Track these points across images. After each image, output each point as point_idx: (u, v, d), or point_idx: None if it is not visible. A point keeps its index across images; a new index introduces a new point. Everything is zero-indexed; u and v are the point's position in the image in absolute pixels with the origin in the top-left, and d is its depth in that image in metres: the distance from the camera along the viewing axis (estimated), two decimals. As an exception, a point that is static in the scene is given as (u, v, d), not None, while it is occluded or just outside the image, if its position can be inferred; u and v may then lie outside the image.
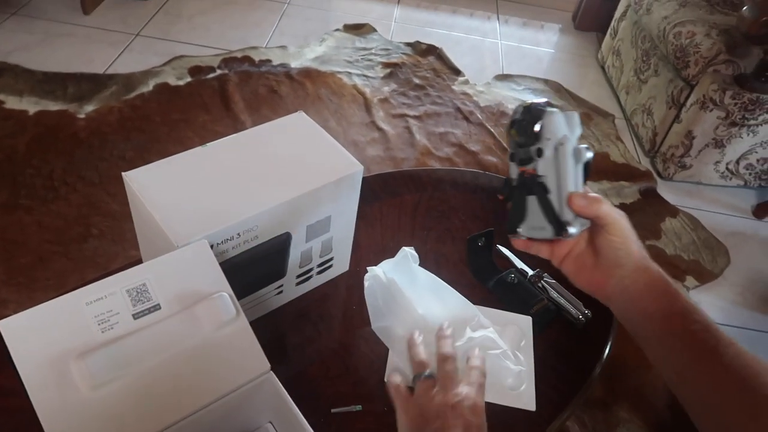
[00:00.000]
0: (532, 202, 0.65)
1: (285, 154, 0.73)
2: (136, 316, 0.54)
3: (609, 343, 0.85)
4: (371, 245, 0.92)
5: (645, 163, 2.17)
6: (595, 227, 0.66)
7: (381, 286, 0.75)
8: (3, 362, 0.70)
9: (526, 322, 0.83)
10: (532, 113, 0.64)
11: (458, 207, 1.01)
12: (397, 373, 0.69)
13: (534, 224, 0.66)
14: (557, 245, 0.69)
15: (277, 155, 0.73)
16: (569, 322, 0.85)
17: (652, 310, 0.62)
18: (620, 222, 0.65)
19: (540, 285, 0.88)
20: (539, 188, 0.64)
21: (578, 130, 0.66)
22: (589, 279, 0.68)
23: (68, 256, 1.49)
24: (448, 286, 0.77)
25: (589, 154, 0.64)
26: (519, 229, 0.67)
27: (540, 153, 0.63)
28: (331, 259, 0.82)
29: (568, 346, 0.83)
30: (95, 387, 0.50)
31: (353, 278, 0.87)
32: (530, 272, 0.90)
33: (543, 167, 0.64)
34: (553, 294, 0.87)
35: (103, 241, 1.54)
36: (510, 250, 0.93)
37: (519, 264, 0.92)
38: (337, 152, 0.75)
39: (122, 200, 1.70)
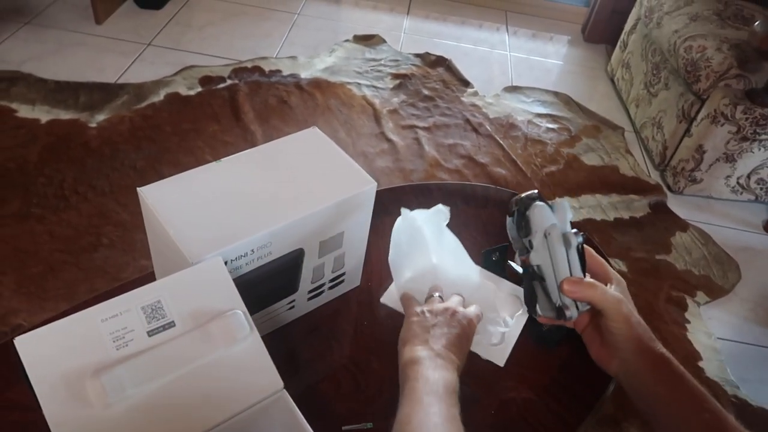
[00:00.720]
0: (537, 287, 0.72)
1: (299, 170, 0.73)
2: (150, 334, 0.55)
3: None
4: (383, 260, 0.92)
5: (655, 177, 2.16)
6: (595, 309, 0.70)
7: (410, 228, 0.82)
8: (16, 378, 0.71)
9: None
10: (522, 205, 0.72)
11: (469, 222, 1.00)
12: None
13: (544, 307, 0.72)
14: (578, 317, 0.72)
15: (290, 171, 0.73)
16: (581, 338, 0.85)
17: (658, 392, 0.64)
18: (615, 307, 0.68)
19: (553, 302, 0.88)
20: (537, 276, 0.71)
21: (568, 216, 0.72)
22: (598, 354, 0.73)
23: (79, 266, 1.50)
24: (466, 253, 0.83)
25: (579, 239, 0.71)
26: (537, 310, 0.72)
27: (531, 245, 0.70)
28: (343, 274, 0.82)
29: (581, 363, 0.83)
30: (109, 404, 0.50)
31: (364, 294, 0.87)
32: (541, 289, 0.89)
33: (535, 257, 0.70)
34: (566, 311, 0.87)
35: (114, 251, 1.55)
36: (521, 266, 0.93)
37: (531, 279, 0.91)
38: (351, 168, 0.75)
39: (133, 210, 1.71)
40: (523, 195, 0.73)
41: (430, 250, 0.83)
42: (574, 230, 0.71)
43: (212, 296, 0.58)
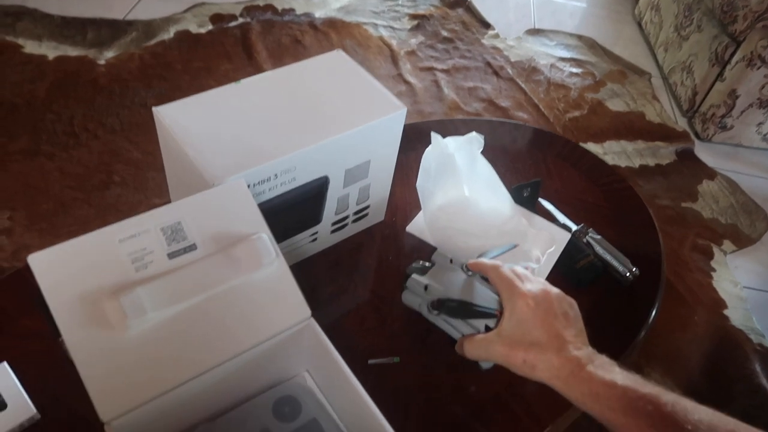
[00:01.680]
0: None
1: (324, 93, 0.68)
2: (171, 256, 0.51)
3: (657, 303, 0.81)
4: (407, 196, 0.88)
5: (682, 124, 2.08)
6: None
7: (440, 156, 0.78)
8: (29, 305, 0.68)
9: (562, 235, 0.82)
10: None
11: (497, 159, 0.95)
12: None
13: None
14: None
15: (315, 94, 0.68)
16: (615, 279, 0.81)
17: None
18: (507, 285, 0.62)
19: (585, 240, 0.84)
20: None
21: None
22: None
23: (90, 203, 1.47)
24: (500, 182, 0.80)
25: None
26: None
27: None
28: (367, 207, 0.78)
29: (614, 305, 0.79)
30: (129, 327, 0.47)
31: (389, 229, 0.83)
32: (574, 227, 0.85)
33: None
34: (599, 250, 0.83)
35: (126, 189, 1.51)
36: (553, 204, 0.89)
37: (562, 219, 0.87)
38: (379, 92, 0.70)
39: (144, 149, 1.67)
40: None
41: (461, 179, 0.79)
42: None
43: (235, 219, 0.55)
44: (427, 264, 0.74)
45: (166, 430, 0.52)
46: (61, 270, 0.47)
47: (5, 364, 0.61)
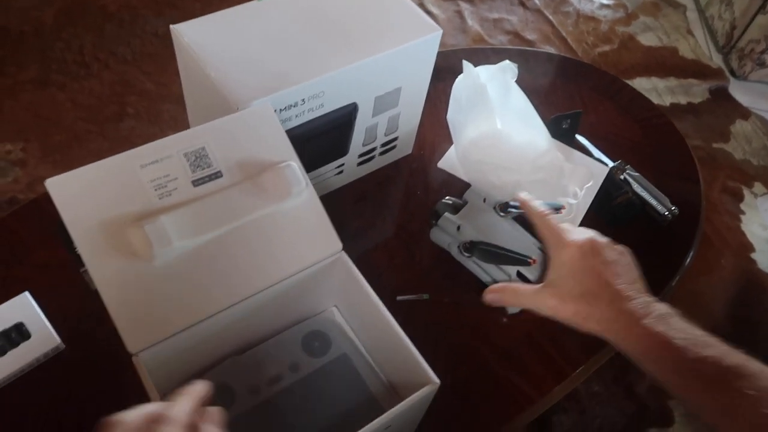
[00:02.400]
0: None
1: (353, 12, 0.63)
2: (195, 183, 0.48)
3: (694, 245, 0.78)
4: (436, 129, 0.83)
5: (717, 61, 1.98)
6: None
7: (472, 86, 0.74)
8: (48, 235, 0.66)
9: (600, 170, 0.79)
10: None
11: (529, 91, 0.90)
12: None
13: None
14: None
15: (344, 14, 0.63)
16: (652, 219, 0.77)
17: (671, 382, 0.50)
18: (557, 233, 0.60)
19: (622, 177, 0.80)
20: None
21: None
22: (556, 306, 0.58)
23: (104, 135, 1.43)
24: (536, 113, 0.76)
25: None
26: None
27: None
28: (395, 139, 0.74)
29: (650, 246, 0.76)
30: (155, 257, 0.44)
31: (417, 162, 0.79)
32: (611, 164, 0.81)
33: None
34: (637, 187, 0.79)
35: (140, 122, 1.47)
36: (588, 140, 0.84)
37: (597, 154, 0.83)
38: (413, 13, 0.65)
39: (157, 80, 1.62)
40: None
41: (494, 112, 0.74)
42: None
43: (262, 146, 0.51)
44: (459, 201, 0.71)
45: (193, 363, 0.50)
46: (81, 195, 0.45)
47: (27, 294, 0.60)
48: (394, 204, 0.76)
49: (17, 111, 1.46)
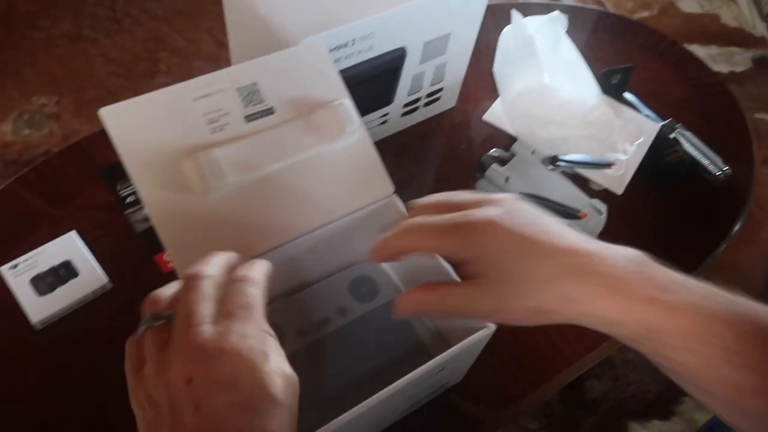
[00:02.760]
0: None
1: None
2: (248, 119, 0.47)
3: (746, 208, 0.75)
4: (480, 82, 0.81)
5: (761, 29, 1.91)
6: None
7: (520, 37, 0.73)
8: (93, 176, 0.66)
9: (651, 127, 0.76)
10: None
11: (579, 44, 0.87)
12: None
13: None
14: None
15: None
16: (704, 179, 0.75)
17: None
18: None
19: (672, 136, 0.77)
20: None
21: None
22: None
23: (137, 92, 1.41)
24: (586, 67, 0.74)
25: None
26: None
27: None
28: (440, 90, 0.72)
29: (700, 207, 0.74)
30: (209, 191, 0.44)
31: (460, 116, 0.78)
32: (661, 122, 0.78)
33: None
34: (688, 147, 0.76)
35: (172, 78, 1.47)
36: (637, 97, 0.81)
37: (646, 112, 0.80)
38: (465, -46, 0.62)
39: (189, 36, 1.61)
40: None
41: (541, 65, 0.72)
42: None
43: (314, 84, 0.50)
44: (506, 154, 0.69)
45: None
46: (135, 125, 0.44)
47: (74, 232, 0.60)
48: (436, 158, 0.75)
49: (51, 65, 1.46)
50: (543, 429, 1.07)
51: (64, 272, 0.57)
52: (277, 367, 0.31)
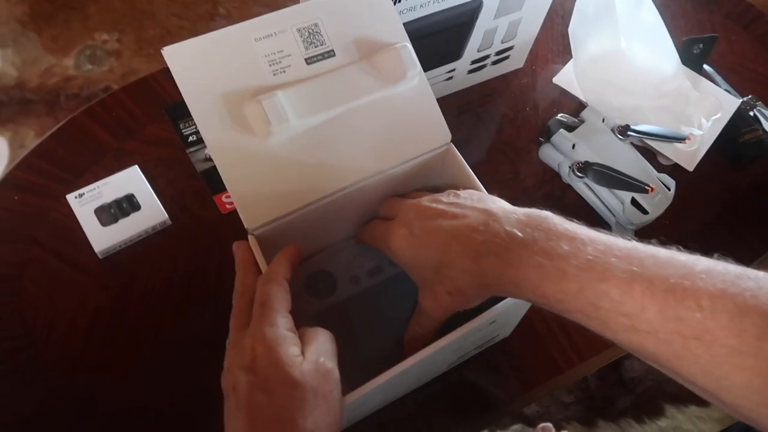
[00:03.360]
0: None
1: None
2: (309, 61, 0.46)
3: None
4: (551, 44, 0.78)
5: None
6: None
7: None
8: (157, 112, 0.67)
9: (730, 102, 0.72)
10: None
11: (664, 11, 0.82)
12: None
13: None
14: None
15: None
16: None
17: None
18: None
19: (752, 114, 0.73)
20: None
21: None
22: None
23: (195, 33, 1.42)
24: (667, 34, 0.69)
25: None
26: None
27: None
28: (510, 48, 0.70)
29: (775, 188, 0.70)
30: (272, 134, 0.43)
31: (528, 77, 0.75)
32: (741, 98, 0.74)
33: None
34: (767, 126, 0.72)
35: (230, 22, 1.45)
36: (716, 70, 0.77)
37: (725, 86, 0.75)
38: None
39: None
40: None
41: (620, 30, 0.68)
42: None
43: (375, 27, 0.48)
44: (575, 120, 0.67)
45: (302, 247, 0.50)
46: (197, 66, 0.43)
47: (137, 167, 0.61)
48: (499, 119, 0.72)
49: (115, 2, 1.47)
50: (577, 403, 1.06)
51: (127, 205, 0.58)
52: (295, 353, 0.36)
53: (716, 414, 1.08)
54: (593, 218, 0.64)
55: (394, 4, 0.52)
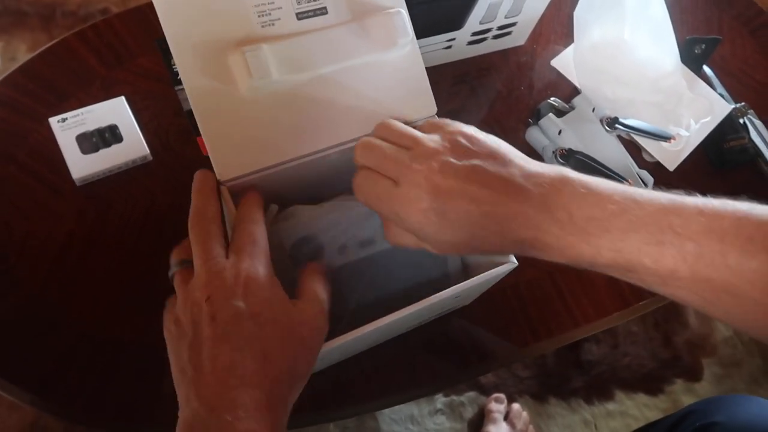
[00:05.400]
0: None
1: None
2: (299, 16, 0.45)
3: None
4: (555, 25, 0.77)
5: None
6: None
7: None
8: (149, 45, 0.66)
9: (721, 107, 0.72)
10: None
11: (673, 6, 0.81)
12: None
13: None
14: None
15: None
16: (761, 171, 0.72)
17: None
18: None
19: (742, 121, 0.73)
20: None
21: None
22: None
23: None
24: (671, 30, 0.69)
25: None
26: None
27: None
28: (513, 24, 0.69)
29: (753, 197, 0.71)
30: (254, 88, 0.43)
31: (528, 56, 0.74)
32: (734, 104, 0.74)
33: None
34: (754, 135, 0.73)
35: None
36: (714, 72, 0.77)
37: (721, 90, 0.76)
38: None
39: None
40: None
41: (626, 20, 0.68)
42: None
43: None
44: (566, 105, 0.67)
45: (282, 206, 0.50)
46: (184, 10, 0.43)
47: (123, 98, 0.60)
48: (493, 94, 0.72)
49: None
50: (532, 378, 1.10)
51: (110, 135, 0.58)
52: (288, 299, 0.37)
53: (663, 404, 1.12)
54: (569, 205, 0.65)
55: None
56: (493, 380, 1.08)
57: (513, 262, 0.45)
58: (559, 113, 0.65)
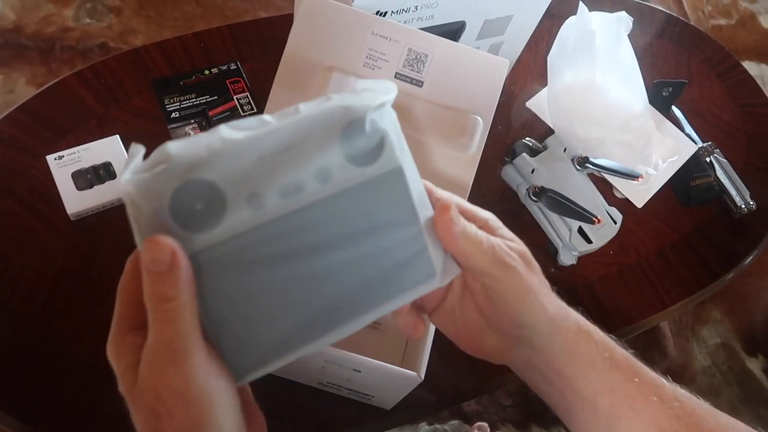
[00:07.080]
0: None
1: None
2: (397, 75, 0.51)
3: (761, 244, 0.76)
4: (531, 67, 0.81)
5: (839, 61, 1.83)
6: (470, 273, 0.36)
7: (582, 30, 0.72)
8: (145, 86, 0.69)
9: (688, 146, 0.76)
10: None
11: (636, 48, 0.86)
12: None
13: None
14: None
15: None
16: (727, 208, 0.75)
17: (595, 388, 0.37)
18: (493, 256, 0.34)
19: (708, 160, 0.77)
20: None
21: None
22: (477, 344, 0.38)
23: (198, 2, 1.44)
24: (639, 74, 0.73)
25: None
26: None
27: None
28: (490, 68, 0.73)
29: (718, 233, 0.75)
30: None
31: (504, 97, 0.77)
32: (700, 143, 0.78)
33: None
34: (720, 173, 0.76)
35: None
36: (683, 113, 0.81)
37: (688, 130, 0.80)
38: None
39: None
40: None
41: (597, 63, 0.72)
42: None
43: (471, 90, 0.53)
44: (539, 145, 0.70)
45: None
46: (313, 35, 0.48)
47: (117, 137, 0.63)
48: (471, 133, 0.76)
49: (120, -43, 1.47)
50: (515, 406, 1.12)
51: (104, 172, 0.61)
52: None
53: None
54: (544, 240, 0.68)
55: (383, 17, 0.55)
56: (476, 408, 1.10)
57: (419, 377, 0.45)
58: (533, 152, 0.69)
